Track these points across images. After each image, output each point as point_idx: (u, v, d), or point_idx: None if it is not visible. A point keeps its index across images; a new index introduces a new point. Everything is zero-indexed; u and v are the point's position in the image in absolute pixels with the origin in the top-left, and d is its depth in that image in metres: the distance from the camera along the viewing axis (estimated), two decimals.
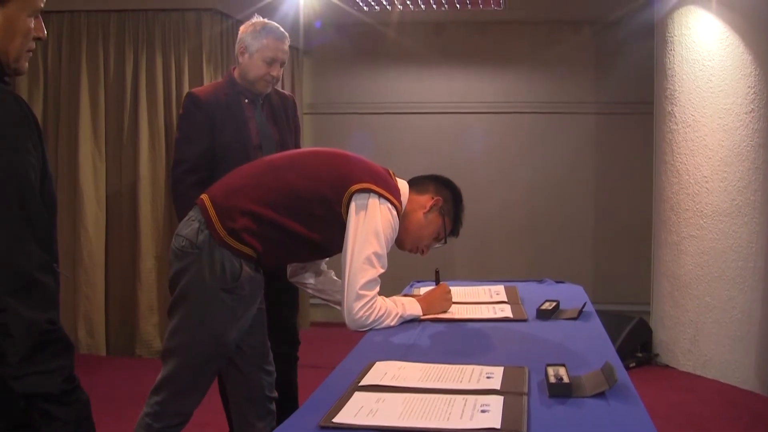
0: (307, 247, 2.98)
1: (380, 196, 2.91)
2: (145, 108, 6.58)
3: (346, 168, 2.98)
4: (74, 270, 6.58)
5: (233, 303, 2.88)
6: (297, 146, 4.07)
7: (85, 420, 2.07)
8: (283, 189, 2.92)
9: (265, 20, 3.85)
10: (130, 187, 6.63)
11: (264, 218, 2.87)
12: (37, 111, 6.62)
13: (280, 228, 2.89)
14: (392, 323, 2.92)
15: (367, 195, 2.90)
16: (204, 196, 2.95)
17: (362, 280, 2.83)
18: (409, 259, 3.38)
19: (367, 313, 2.84)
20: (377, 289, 2.88)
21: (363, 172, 2.96)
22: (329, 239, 2.95)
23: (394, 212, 2.95)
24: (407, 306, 3.01)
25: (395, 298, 3.06)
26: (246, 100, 3.87)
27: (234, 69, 3.91)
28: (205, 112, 3.76)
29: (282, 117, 4.00)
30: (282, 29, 3.85)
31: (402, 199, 3.04)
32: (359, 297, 2.83)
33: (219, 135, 3.76)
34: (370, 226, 2.87)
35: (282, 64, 3.85)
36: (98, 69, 6.60)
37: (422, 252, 3.22)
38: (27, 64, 2.11)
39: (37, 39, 2.09)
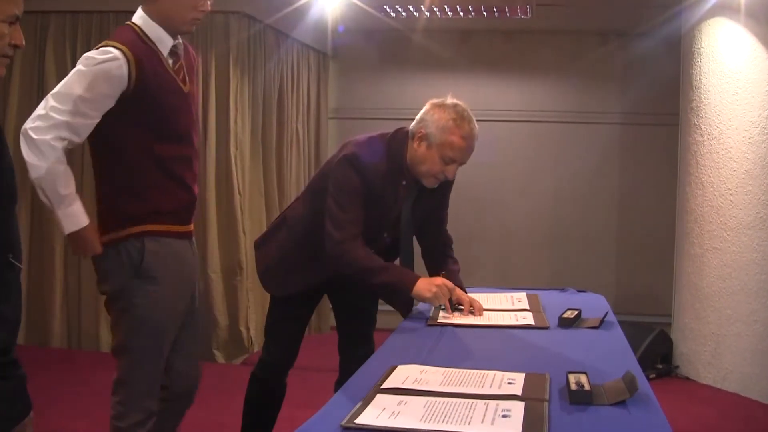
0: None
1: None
2: None
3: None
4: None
5: (150, 286, 2.95)
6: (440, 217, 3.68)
7: (20, 397, 2.06)
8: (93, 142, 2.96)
9: (459, 107, 3.33)
10: None
11: (109, 183, 2.96)
12: None
13: (114, 164, 2.95)
14: None
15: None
16: None
17: None
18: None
19: None
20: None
21: None
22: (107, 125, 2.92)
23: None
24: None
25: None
26: (404, 182, 3.34)
27: (405, 147, 3.32)
28: (363, 177, 3.27)
29: (429, 202, 3.49)
30: (475, 126, 3.31)
31: None
32: None
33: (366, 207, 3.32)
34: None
35: (461, 164, 3.33)
36: None
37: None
38: (4, 69, 2.09)
39: (15, 47, 2.09)
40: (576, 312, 3.12)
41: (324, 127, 8.19)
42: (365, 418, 1.84)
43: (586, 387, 2.03)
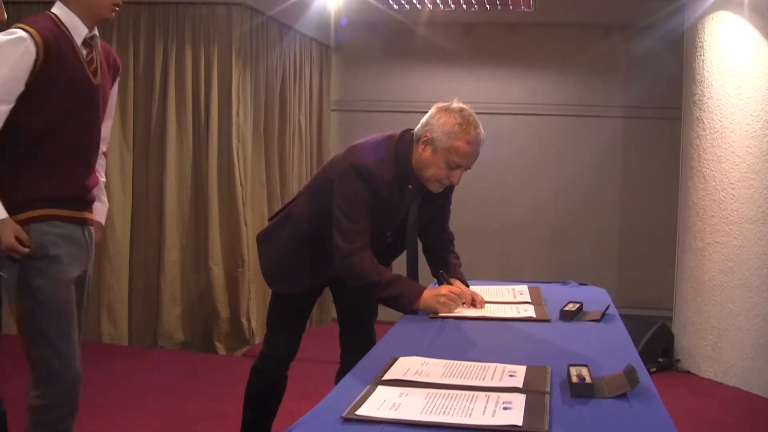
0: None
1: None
2: (173, 101, 6.60)
3: None
4: (99, 261, 6.61)
5: (48, 265, 2.96)
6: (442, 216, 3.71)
7: None
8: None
9: (465, 112, 3.27)
10: (156, 179, 6.67)
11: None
12: None
13: (10, 148, 2.91)
14: None
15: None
16: None
17: None
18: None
19: None
20: None
21: None
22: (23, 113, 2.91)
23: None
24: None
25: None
26: (410, 186, 3.32)
27: (411, 151, 3.29)
28: (370, 186, 3.25)
29: (434, 203, 3.49)
30: (481, 131, 3.24)
31: None
32: None
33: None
34: None
35: (466, 170, 3.29)
36: (128, 60, 6.62)
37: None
38: None
39: None
40: (577, 305, 3.12)
41: (326, 119, 8.19)
42: (366, 410, 1.85)
43: (588, 380, 2.03)
